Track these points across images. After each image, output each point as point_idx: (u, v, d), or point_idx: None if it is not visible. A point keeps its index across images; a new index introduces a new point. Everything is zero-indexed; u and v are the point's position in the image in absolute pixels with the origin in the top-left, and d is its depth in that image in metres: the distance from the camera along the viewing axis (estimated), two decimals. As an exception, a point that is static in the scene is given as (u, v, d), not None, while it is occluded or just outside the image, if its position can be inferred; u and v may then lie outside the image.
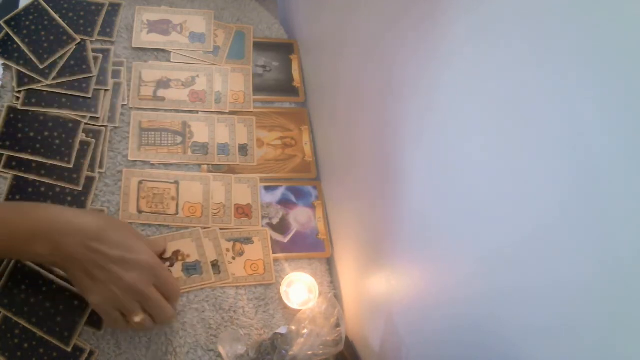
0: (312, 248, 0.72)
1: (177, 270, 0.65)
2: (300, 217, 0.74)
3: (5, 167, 0.66)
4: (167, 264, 0.65)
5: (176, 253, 0.66)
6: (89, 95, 0.72)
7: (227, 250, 0.68)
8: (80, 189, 0.67)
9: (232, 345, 0.61)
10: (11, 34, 0.73)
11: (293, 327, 0.61)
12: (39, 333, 0.58)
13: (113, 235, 0.53)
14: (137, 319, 0.54)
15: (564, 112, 0.29)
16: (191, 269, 0.66)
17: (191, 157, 0.73)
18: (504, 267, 0.36)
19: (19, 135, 0.68)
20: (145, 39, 0.80)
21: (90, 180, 0.68)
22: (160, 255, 0.65)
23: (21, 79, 0.71)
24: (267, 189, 0.74)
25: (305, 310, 0.63)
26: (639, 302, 0.26)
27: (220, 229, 0.69)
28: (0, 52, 0.72)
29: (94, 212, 0.56)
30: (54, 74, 0.72)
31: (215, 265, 0.67)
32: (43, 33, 0.74)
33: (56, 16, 0.76)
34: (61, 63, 0.73)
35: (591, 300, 0.29)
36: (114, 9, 0.80)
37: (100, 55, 0.76)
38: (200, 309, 0.64)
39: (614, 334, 0.27)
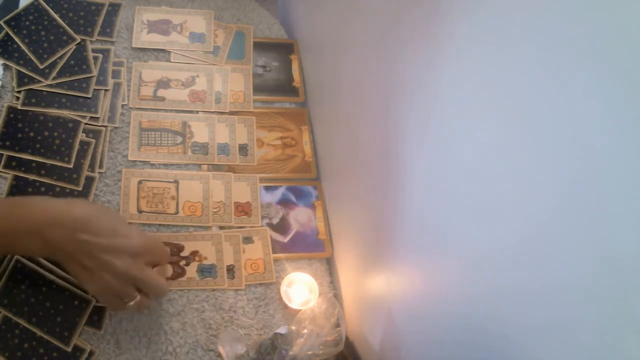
0: (312, 248, 0.72)
1: (192, 270, 0.66)
2: (300, 217, 0.74)
3: (5, 167, 0.66)
4: (183, 262, 0.66)
5: (194, 253, 0.66)
6: (89, 95, 0.72)
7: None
8: (80, 189, 0.67)
9: (232, 345, 0.61)
10: (11, 34, 0.73)
11: (293, 327, 0.61)
12: (39, 333, 0.58)
13: (101, 223, 0.52)
14: (132, 303, 0.55)
15: (564, 112, 0.29)
16: (206, 271, 0.66)
17: (191, 157, 0.73)
18: (504, 267, 0.36)
19: (19, 135, 0.68)
20: (145, 39, 0.80)
21: (90, 180, 0.68)
22: (179, 253, 0.66)
23: (21, 79, 0.71)
24: (267, 189, 0.74)
25: (305, 310, 0.63)
26: (638, 302, 0.26)
27: (220, 227, 0.69)
28: (0, 52, 0.72)
29: (84, 202, 0.55)
30: (54, 74, 0.72)
31: (230, 270, 0.67)
32: (43, 33, 0.74)
33: (56, 16, 0.76)
34: (61, 63, 0.73)
35: (591, 299, 0.29)
36: (114, 9, 0.80)
37: (100, 55, 0.76)
38: (200, 309, 0.64)
39: (614, 333, 0.27)
